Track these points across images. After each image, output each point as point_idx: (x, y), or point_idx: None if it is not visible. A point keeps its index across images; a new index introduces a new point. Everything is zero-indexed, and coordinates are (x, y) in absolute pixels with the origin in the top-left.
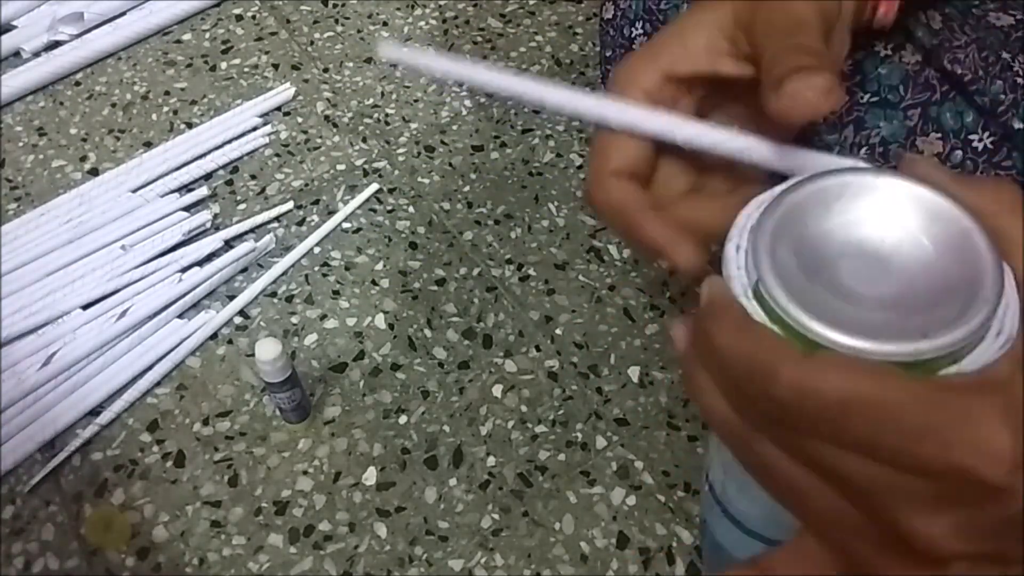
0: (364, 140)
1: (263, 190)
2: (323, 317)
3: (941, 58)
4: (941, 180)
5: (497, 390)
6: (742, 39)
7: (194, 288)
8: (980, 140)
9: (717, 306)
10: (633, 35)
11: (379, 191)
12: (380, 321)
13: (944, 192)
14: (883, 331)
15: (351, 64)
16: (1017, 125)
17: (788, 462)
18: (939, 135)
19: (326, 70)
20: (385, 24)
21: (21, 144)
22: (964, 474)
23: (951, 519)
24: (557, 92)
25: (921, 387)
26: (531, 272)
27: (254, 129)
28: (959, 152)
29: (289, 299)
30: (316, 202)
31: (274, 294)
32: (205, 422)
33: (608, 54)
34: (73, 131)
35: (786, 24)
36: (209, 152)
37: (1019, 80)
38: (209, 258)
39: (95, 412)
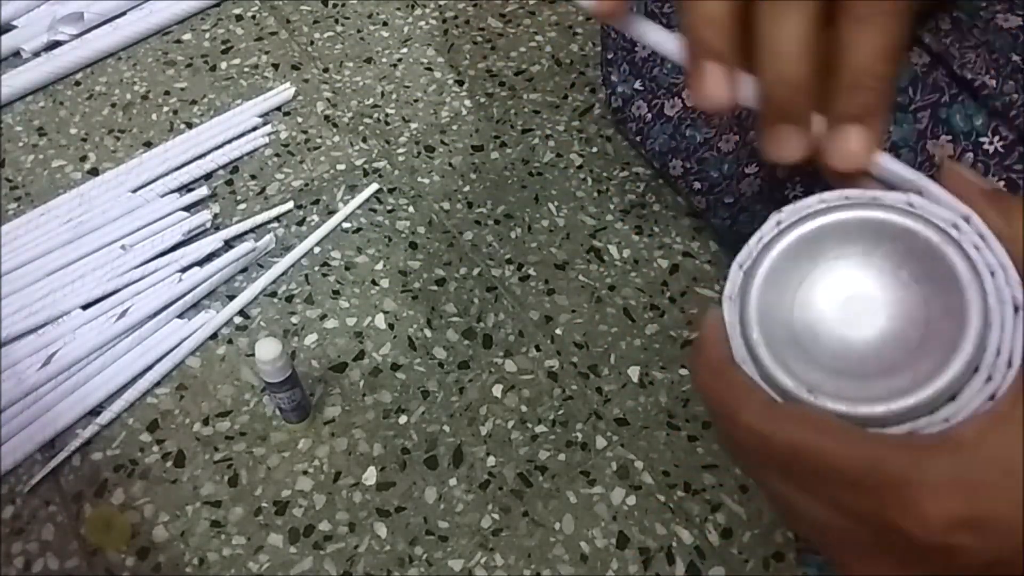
0: (364, 140)
1: (263, 190)
2: (323, 317)
3: (950, 62)
4: (974, 197)
5: (497, 390)
6: None
7: (194, 288)
8: (991, 143)
9: (703, 342)
10: None
11: (379, 191)
12: (380, 321)
13: (974, 208)
14: (850, 391)
15: (351, 64)
16: None
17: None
18: (949, 137)
19: (326, 70)
20: (385, 24)
21: (21, 144)
22: (899, 532)
23: (888, 568)
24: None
25: (868, 443)
26: (531, 272)
27: (254, 129)
28: (970, 154)
29: (289, 299)
30: (316, 202)
31: (274, 294)
32: (205, 422)
33: (609, 56)
34: (73, 131)
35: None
36: (209, 152)
37: None
38: (209, 258)
39: (95, 412)
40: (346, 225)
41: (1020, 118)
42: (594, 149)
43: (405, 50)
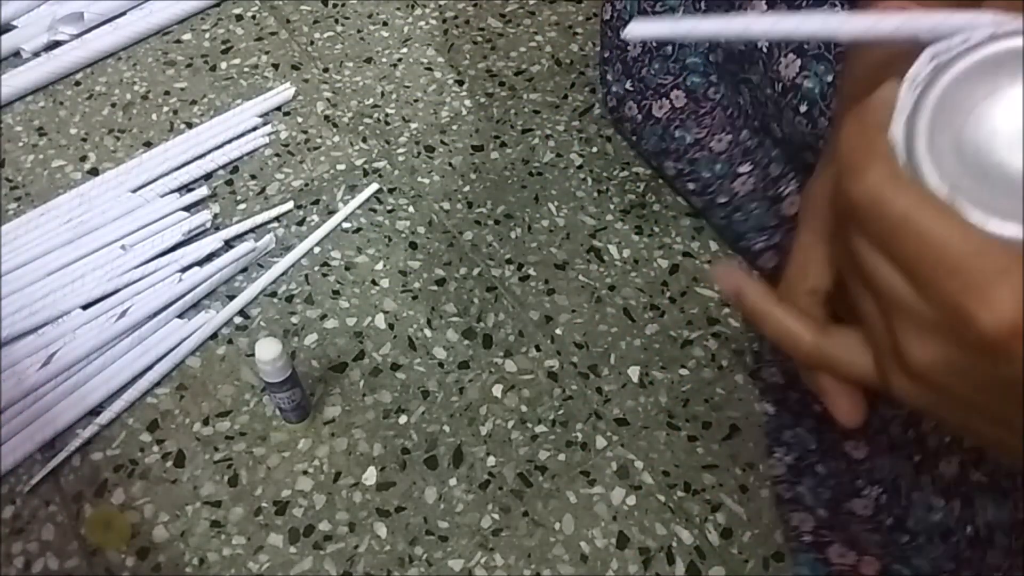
0: (364, 140)
1: (263, 190)
2: (323, 317)
3: None
4: None
5: (497, 390)
6: None
7: (194, 288)
8: None
9: (870, 101)
10: None
11: (379, 191)
12: (380, 321)
13: None
14: (994, 206)
15: (351, 64)
16: None
17: (852, 264)
18: None
19: (326, 70)
20: (385, 24)
21: (21, 144)
22: (967, 318)
23: (940, 351)
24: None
25: (975, 238)
26: (531, 272)
27: (254, 129)
28: None
29: (289, 299)
30: (316, 202)
31: (274, 294)
32: (205, 422)
33: (606, 55)
34: (73, 131)
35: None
36: (209, 152)
37: None
38: (209, 258)
39: (95, 412)
40: (346, 225)
41: None
42: (594, 149)
43: (405, 50)
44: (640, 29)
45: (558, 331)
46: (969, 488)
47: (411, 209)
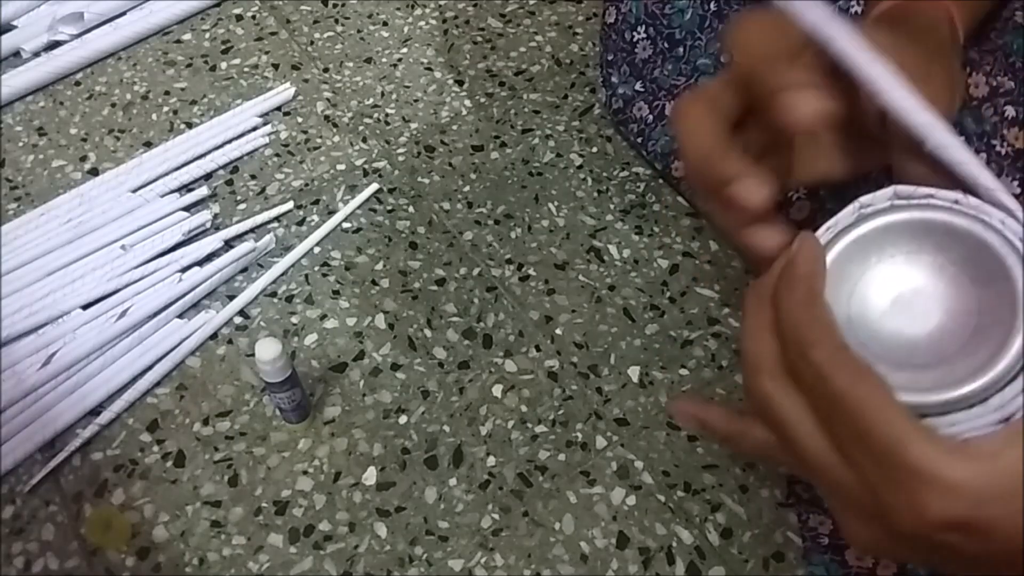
0: (364, 140)
1: (263, 190)
2: (323, 317)
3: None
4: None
5: (497, 390)
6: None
7: (194, 288)
8: (1002, 146)
9: (801, 268)
10: (635, 39)
11: (379, 191)
12: (380, 321)
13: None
14: (899, 380)
15: (351, 64)
16: None
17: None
18: (963, 138)
19: (326, 70)
20: (385, 24)
21: (21, 144)
22: (894, 511)
23: (876, 535)
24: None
25: (904, 426)
26: (531, 272)
27: (254, 129)
28: (983, 154)
29: (289, 299)
30: (316, 202)
31: (274, 294)
32: (205, 422)
33: (610, 57)
34: (73, 131)
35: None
36: (209, 152)
37: None
38: (209, 258)
39: (95, 412)
40: (346, 225)
41: None
42: (594, 149)
43: (405, 50)
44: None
45: (558, 331)
46: None
47: (411, 209)
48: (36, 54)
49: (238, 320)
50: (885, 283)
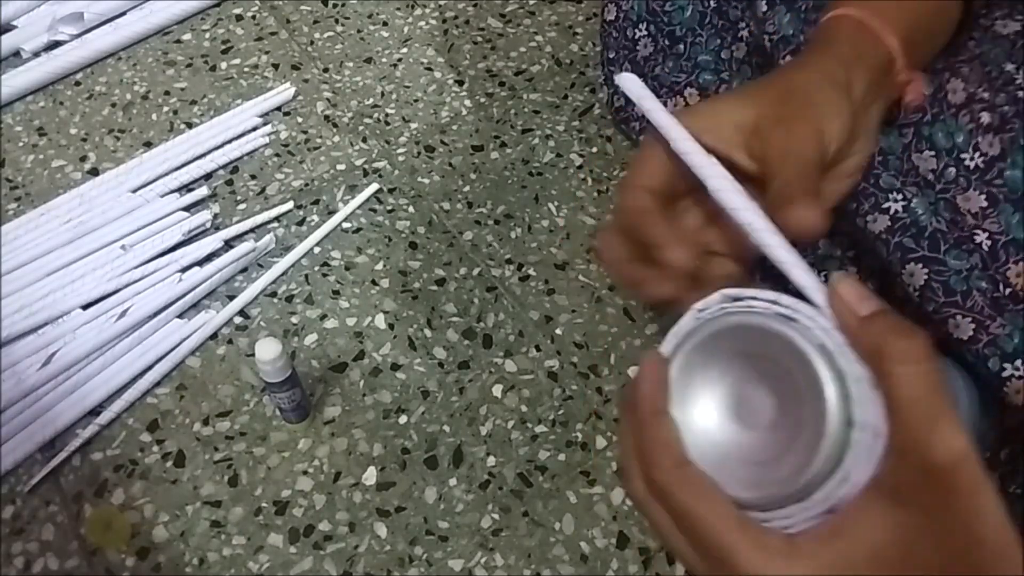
0: (364, 140)
1: (263, 190)
2: (323, 317)
3: (937, 83)
4: (847, 319)
5: (497, 390)
6: (756, 144)
7: (194, 288)
8: (972, 159)
9: (637, 391)
10: (636, 36)
11: (379, 191)
12: (380, 321)
13: (847, 329)
14: (725, 477)
15: (351, 64)
16: (1021, 140)
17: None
18: (932, 152)
19: (326, 70)
20: (385, 24)
21: (21, 144)
22: None
23: None
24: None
25: (733, 532)
26: (531, 272)
27: (254, 129)
28: (952, 169)
29: (289, 299)
30: (316, 202)
31: (274, 294)
32: (205, 422)
33: (611, 55)
34: (73, 131)
35: (799, 152)
36: (209, 152)
37: (1020, 94)
38: (209, 258)
39: (95, 412)
40: (346, 225)
41: (1009, 130)
42: (594, 149)
43: (405, 50)
44: (631, 84)
45: (558, 331)
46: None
47: (411, 209)
48: (36, 54)
49: (238, 320)
50: (724, 387)
